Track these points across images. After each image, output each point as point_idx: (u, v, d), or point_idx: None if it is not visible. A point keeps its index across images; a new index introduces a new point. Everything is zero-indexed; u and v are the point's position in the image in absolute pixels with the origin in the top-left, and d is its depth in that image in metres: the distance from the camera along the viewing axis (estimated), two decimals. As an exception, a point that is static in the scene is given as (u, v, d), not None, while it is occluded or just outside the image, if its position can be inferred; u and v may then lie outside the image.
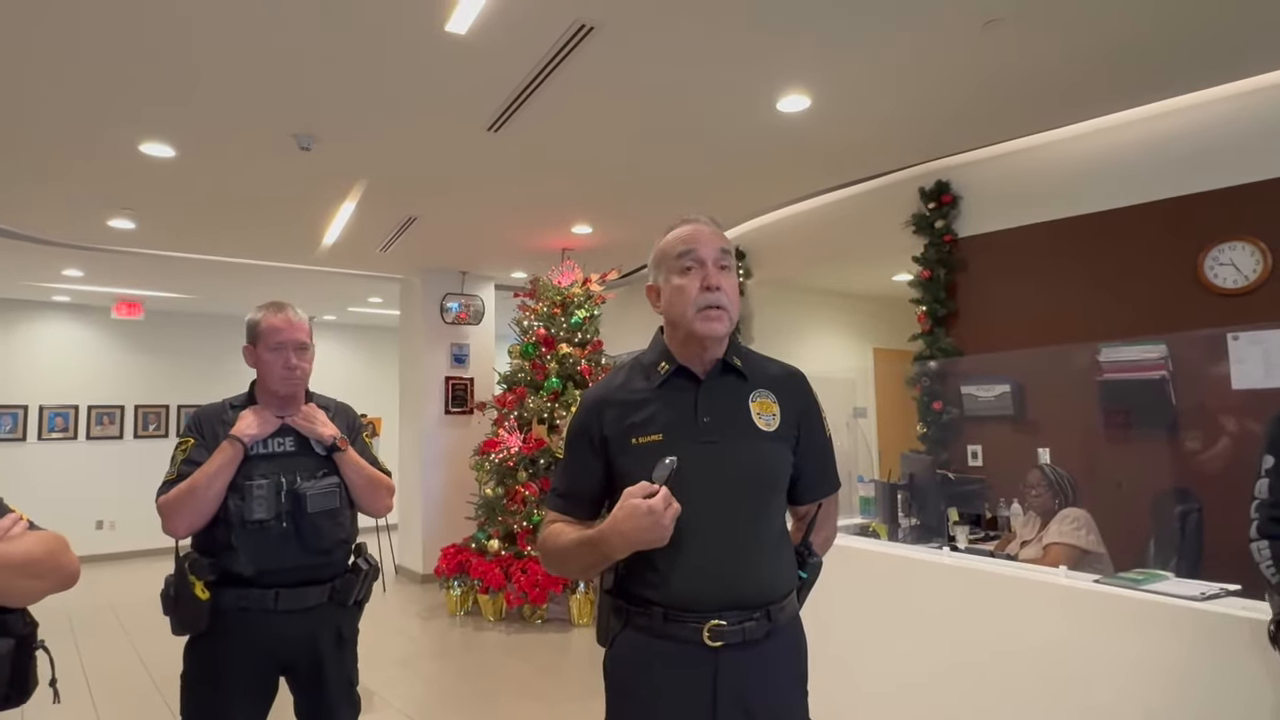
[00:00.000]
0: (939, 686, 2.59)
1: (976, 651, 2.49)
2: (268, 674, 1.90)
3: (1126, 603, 2.14)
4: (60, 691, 1.10)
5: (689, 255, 1.34)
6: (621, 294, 7.09)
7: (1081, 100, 3.58)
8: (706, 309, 1.31)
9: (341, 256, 6.24)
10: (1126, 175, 3.83)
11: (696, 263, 1.33)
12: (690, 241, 1.35)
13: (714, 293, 1.31)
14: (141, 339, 8.60)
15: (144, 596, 3.15)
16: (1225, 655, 1.91)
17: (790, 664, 1.34)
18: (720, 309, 1.31)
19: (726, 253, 1.36)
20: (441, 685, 4.20)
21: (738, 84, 3.26)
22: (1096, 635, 2.18)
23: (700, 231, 1.37)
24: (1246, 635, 1.86)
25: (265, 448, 1.91)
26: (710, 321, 1.31)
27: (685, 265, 1.34)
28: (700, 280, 1.32)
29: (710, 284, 1.31)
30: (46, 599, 1.09)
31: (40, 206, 4.88)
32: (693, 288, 1.32)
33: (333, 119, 3.55)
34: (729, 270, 1.35)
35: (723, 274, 1.33)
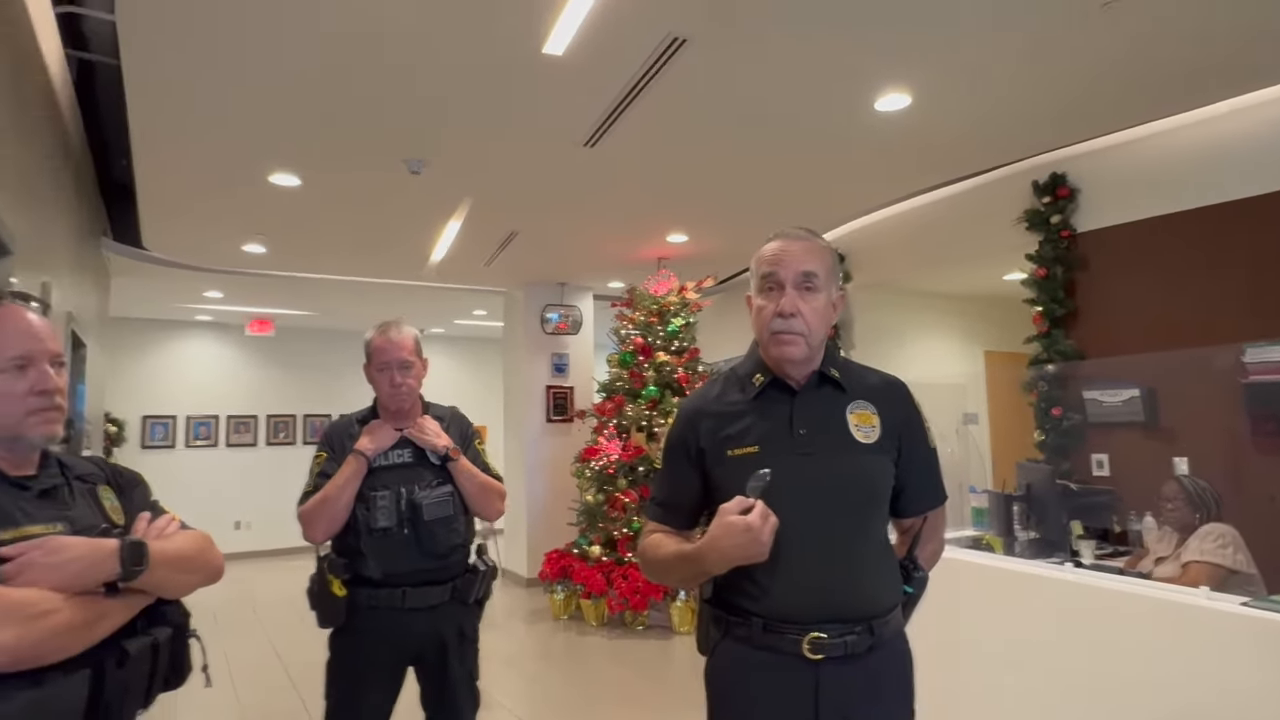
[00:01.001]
0: (1059, 714, 2.43)
1: (1103, 677, 2.32)
2: (397, 665, 2.04)
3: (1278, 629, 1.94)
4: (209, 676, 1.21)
5: (770, 277, 1.32)
6: (718, 301, 7.08)
7: (1211, 81, 3.29)
8: (778, 333, 1.30)
9: (448, 272, 6.54)
10: (1264, 159, 3.49)
11: (776, 284, 1.31)
12: (774, 262, 1.33)
13: (787, 319, 1.29)
14: (272, 354, 9.30)
15: (279, 593, 3.41)
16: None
17: (895, 680, 1.31)
18: (794, 334, 1.29)
19: (811, 274, 1.31)
20: (547, 688, 4.30)
21: (833, 86, 3.21)
22: (1243, 664, 1.99)
23: (786, 251, 1.33)
24: None
25: (386, 460, 2.05)
26: (782, 345, 1.30)
27: (766, 286, 1.33)
28: (776, 304, 1.30)
29: (783, 309, 1.29)
30: (194, 593, 1.21)
31: (186, 236, 5.39)
32: (769, 310, 1.31)
33: (439, 143, 3.74)
34: (814, 291, 1.31)
35: (804, 296, 1.30)
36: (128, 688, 1.07)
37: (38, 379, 1.10)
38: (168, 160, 3.92)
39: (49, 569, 0.98)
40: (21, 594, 0.94)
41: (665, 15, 2.64)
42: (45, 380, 1.11)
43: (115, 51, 3.09)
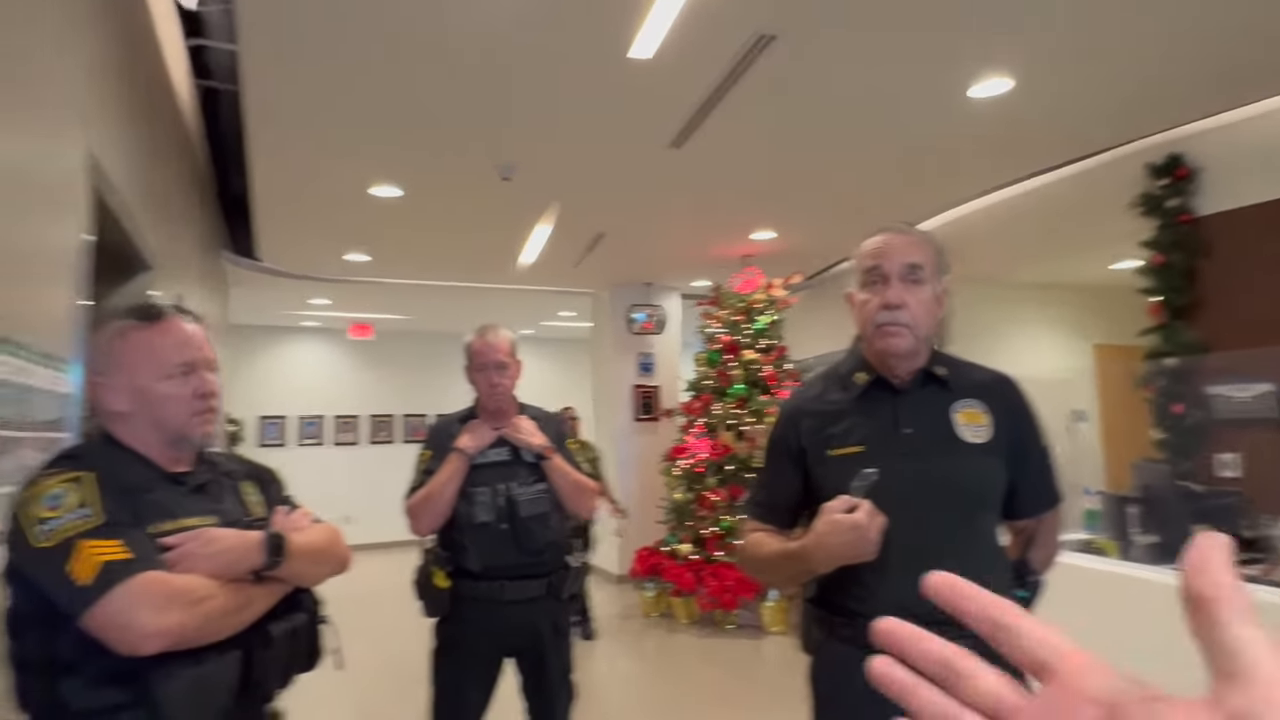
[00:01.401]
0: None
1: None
2: (497, 655, 2.13)
3: None
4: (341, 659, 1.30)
5: (874, 270, 1.30)
6: (805, 297, 6.96)
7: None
8: (884, 325, 1.27)
9: (537, 274, 6.69)
10: None
11: (880, 277, 1.29)
12: (877, 255, 1.31)
13: (894, 310, 1.26)
14: (372, 357, 9.77)
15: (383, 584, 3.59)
16: None
17: None
18: (900, 326, 1.26)
19: (916, 266, 1.29)
20: (640, 685, 4.36)
21: (925, 75, 3.11)
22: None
23: (889, 243, 1.31)
24: None
25: (485, 458, 2.13)
26: (888, 338, 1.27)
27: (871, 279, 1.31)
28: (881, 296, 1.28)
29: (889, 301, 1.27)
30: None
31: (296, 247, 5.74)
32: (874, 303, 1.29)
33: (530, 149, 3.85)
34: (920, 284, 1.29)
35: (910, 288, 1.28)
36: (272, 668, 1.16)
37: (200, 384, 1.21)
38: (281, 177, 4.19)
39: (205, 558, 1.08)
40: (185, 580, 1.04)
41: (753, 14, 2.63)
42: (206, 384, 1.22)
43: (234, 78, 3.33)
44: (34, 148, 1.54)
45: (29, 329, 1.50)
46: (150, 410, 1.16)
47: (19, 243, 1.48)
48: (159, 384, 1.17)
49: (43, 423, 1.55)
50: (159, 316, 1.20)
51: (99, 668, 1.00)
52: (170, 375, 1.18)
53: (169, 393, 1.17)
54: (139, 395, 1.16)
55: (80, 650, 0.99)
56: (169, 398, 1.17)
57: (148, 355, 1.17)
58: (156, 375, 1.17)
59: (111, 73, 2.19)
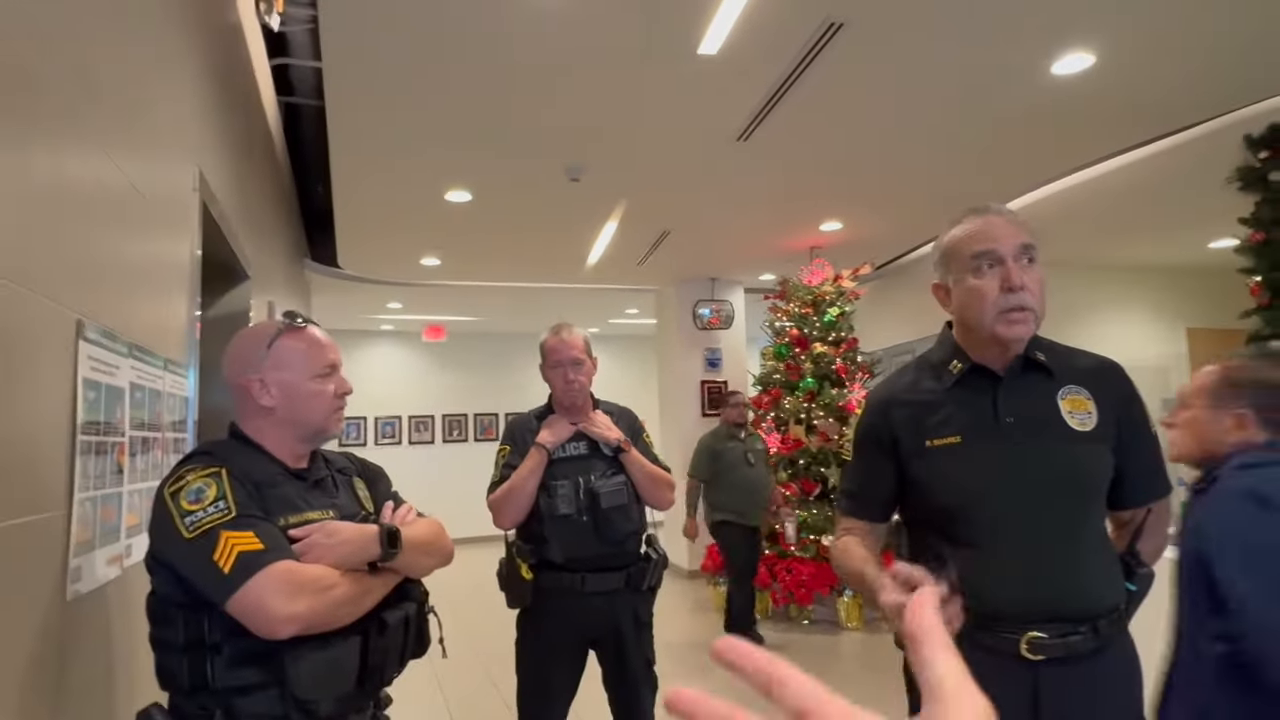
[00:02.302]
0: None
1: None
2: (579, 646, 2.18)
3: None
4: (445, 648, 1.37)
5: (987, 254, 1.22)
6: (875, 287, 6.84)
7: None
8: (1009, 311, 1.20)
9: (604, 272, 6.77)
10: None
11: (995, 261, 1.21)
12: (986, 239, 1.22)
13: (1018, 293, 1.19)
14: (445, 358, 10.05)
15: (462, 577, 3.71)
16: None
17: (1123, 686, 1.22)
18: (1025, 310, 1.19)
19: (1029, 246, 1.22)
20: (716, 680, 4.36)
21: (1003, 53, 3.02)
22: None
23: (996, 224, 1.24)
24: None
25: (564, 452, 2.18)
26: (1013, 325, 1.20)
27: (982, 264, 1.22)
28: (1000, 280, 1.20)
29: (1013, 284, 1.19)
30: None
31: (373, 253, 5.96)
32: (991, 289, 1.20)
33: (598, 148, 3.91)
34: (1034, 265, 1.22)
35: (1027, 270, 1.21)
36: (388, 653, 1.23)
37: (340, 384, 1.32)
38: (360, 187, 4.36)
39: (328, 549, 1.16)
40: (313, 570, 1.11)
41: (821, 1, 2.60)
42: (345, 385, 1.34)
43: (316, 94, 3.49)
44: (152, 170, 1.65)
45: (155, 338, 1.62)
46: (297, 406, 1.26)
47: (143, 258, 1.60)
48: (310, 382, 1.27)
49: (170, 424, 1.67)
50: (305, 324, 1.31)
51: (238, 649, 1.08)
52: (319, 375, 1.29)
53: (317, 390, 1.28)
54: (290, 392, 1.25)
55: (223, 633, 1.08)
56: (317, 395, 1.28)
57: (302, 356, 1.27)
58: (309, 374, 1.27)
59: (213, 95, 2.33)
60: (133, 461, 1.42)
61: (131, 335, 1.44)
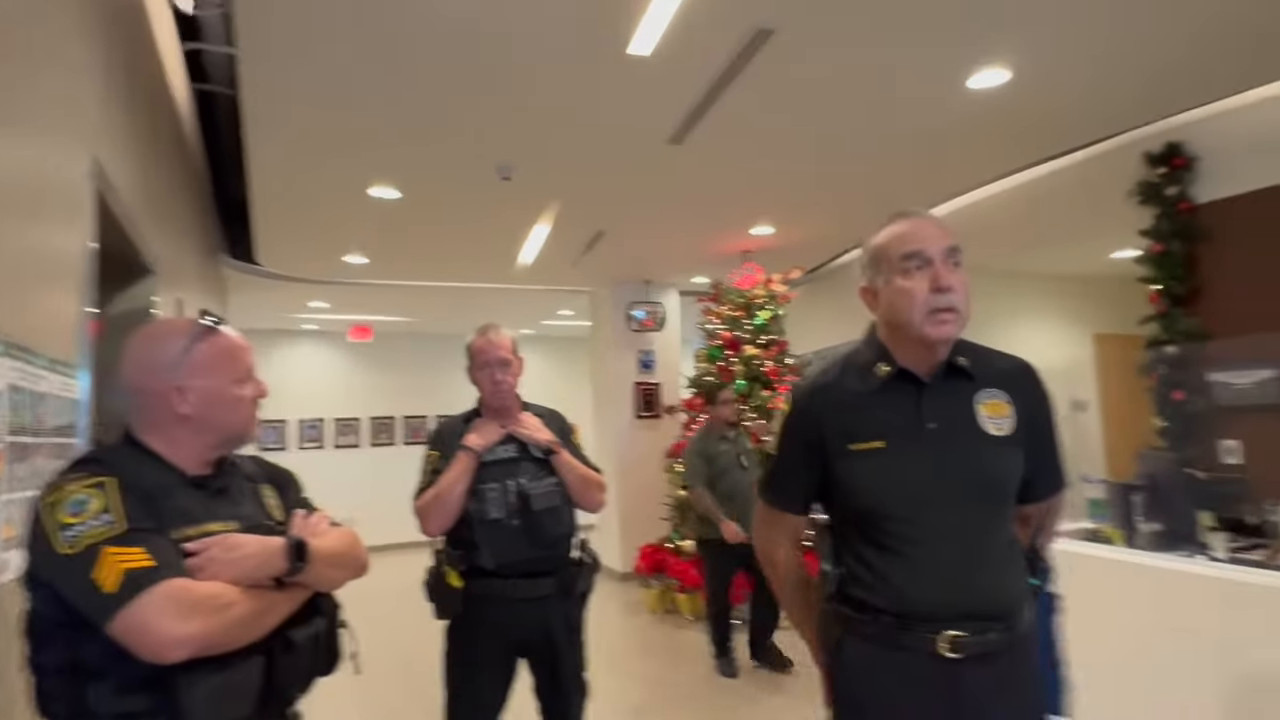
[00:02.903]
0: (1187, 711, 2.29)
1: (1242, 675, 2.18)
2: (509, 656, 2.13)
3: None
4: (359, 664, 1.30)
5: (916, 255, 1.24)
6: (805, 291, 6.96)
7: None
8: (937, 311, 1.22)
9: (536, 273, 6.69)
10: None
11: (924, 262, 1.23)
12: (915, 240, 1.25)
13: (946, 294, 1.21)
14: (373, 359, 9.76)
15: (387, 586, 3.60)
16: None
17: (1032, 679, 1.27)
18: (953, 311, 1.22)
19: (956, 249, 1.25)
20: (648, 681, 4.36)
21: (923, 68, 3.11)
22: None
23: (924, 227, 1.26)
24: None
25: (493, 455, 2.14)
26: (941, 325, 1.22)
27: (911, 266, 1.24)
28: (929, 281, 1.22)
29: (942, 284, 1.21)
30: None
31: (294, 250, 5.73)
32: (920, 289, 1.23)
33: (529, 148, 3.85)
34: (960, 267, 1.25)
35: (954, 271, 1.23)
36: (294, 673, 1.17)
37: (257, 387, 1.27)
38: (279, 180, 4.18)
39: (228, 564, 1.08)
40: (208, 588, 1.04)
41: (751, 8, 2.63)
42: (263, 387, 1.29)
43: (232, 82, 3.33)
44: (41, 155, 1.53)
45: (39, 335, 1.50)
46: (218, 414, 1.20)
47: (27, 250, 1.48)
48: (232, 388, 1.21)
49: (54, 429, 1.55)
50: (219, 325, 1.24)
51: (125, 674, 1.00)
52: (242, 379, 1.23)
53: (239, 396, 1.22)
54: (212, 400, 1.18)
55: (107, 657, 0.99)
56: (239, 401, 1.22)
57: (224, 362, 1.21)
58: (230, 380, 1.21)
59: (114, 79, 2.19)
60: (11, 469, 1.31)
61: (10, 333, 1.33)
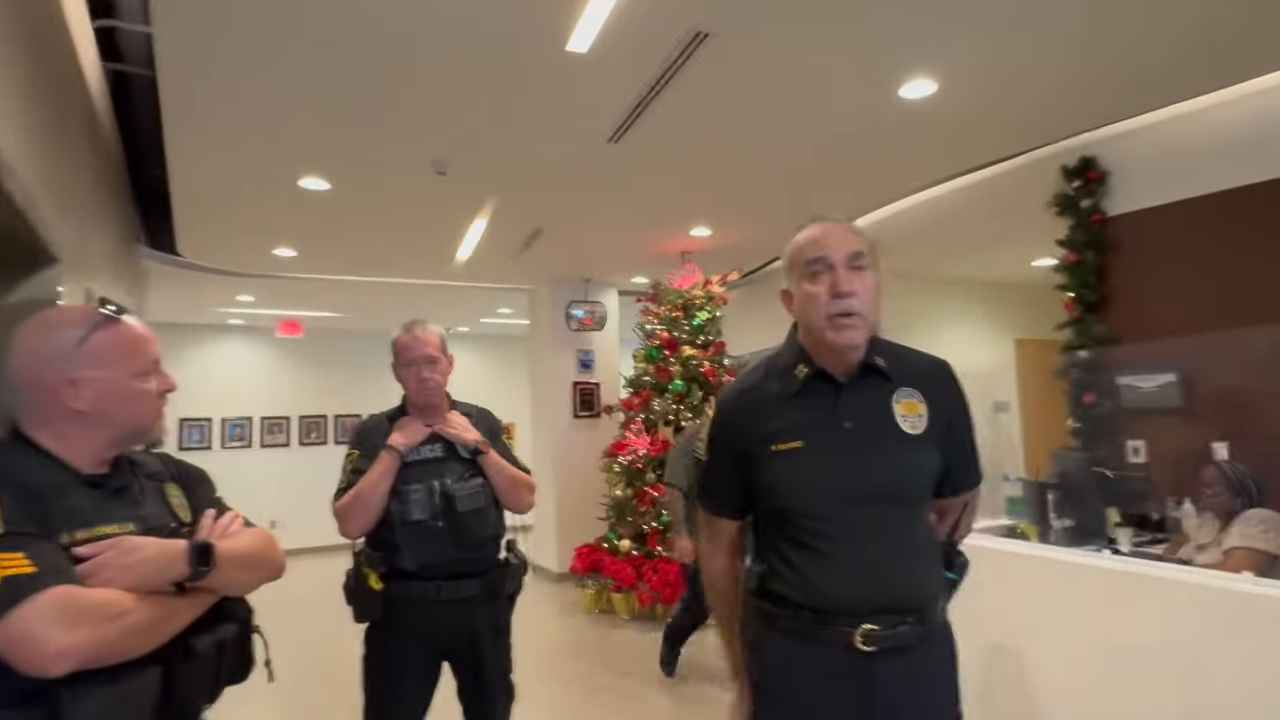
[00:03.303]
0: (1099, 699, 2.41)
1: (1143, 663, 2.30)
2: (432, 659, 2.08)
3: (1328, 614, 1.92)
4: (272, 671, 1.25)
5: (820, 260, 1.27)
6: (742, 294, 7.06)
7: (1249, 57, 3.22)
8: (837, 316, 1.25)
9: (474, 270, 6.59)
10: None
11: (827, 267, 1.26)
12: (820, 245, 1.28)
13: (845, 299, 1.24)
14: (302, 355, 9.45)
15: (313, 589, 3.49)
16: None
17: (944, 669, 1.31)
18: (853, 315, 1.24)
19: (859, 254, 1.27)
20: (581, 681, 4.35)
21: (857, 75, 3.19)
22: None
23: (830, 232, 1.30)
24: None
25: (418, 455, 2.08)
26: (841, 331, 1.25)
27: (815, 270, 1.28)
28: (830, 286, 1.25)
29: (840, 289, 1.24)
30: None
31: (219, 241, 5.50)
32: (822, 294, 1.26)
33: (465, 143, 3.78)
34: (864, 271, 1.27)
35: (856, 276, 1.26)
36: (196, 683, 1.11)
37: (163, 381, 1.20)
38: (201, 168, 4.00)
39: (123, 570, 1.02)
40: (98, 595, 0.98)
41: (688, 10, 2.64)
42: (169, 381, 1.22)
43: (149, 63, 3.16)
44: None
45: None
46: (117, 409, 1.13)
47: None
48: (132, 381, 1.14)
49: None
50: (120, 314, 1.16)
51: (6, 688, 0.93)
52: (142, 373, 1.16)
53: (140, 390, 1.15)
54: (109, 393, 1.12)
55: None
56: (140, 395, 1.15)
57: (123, 353, 1.14)
58: (131, 372, 1.14)
59: (14, 53, 2.05)
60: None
61: (-117, 323, 1.23)
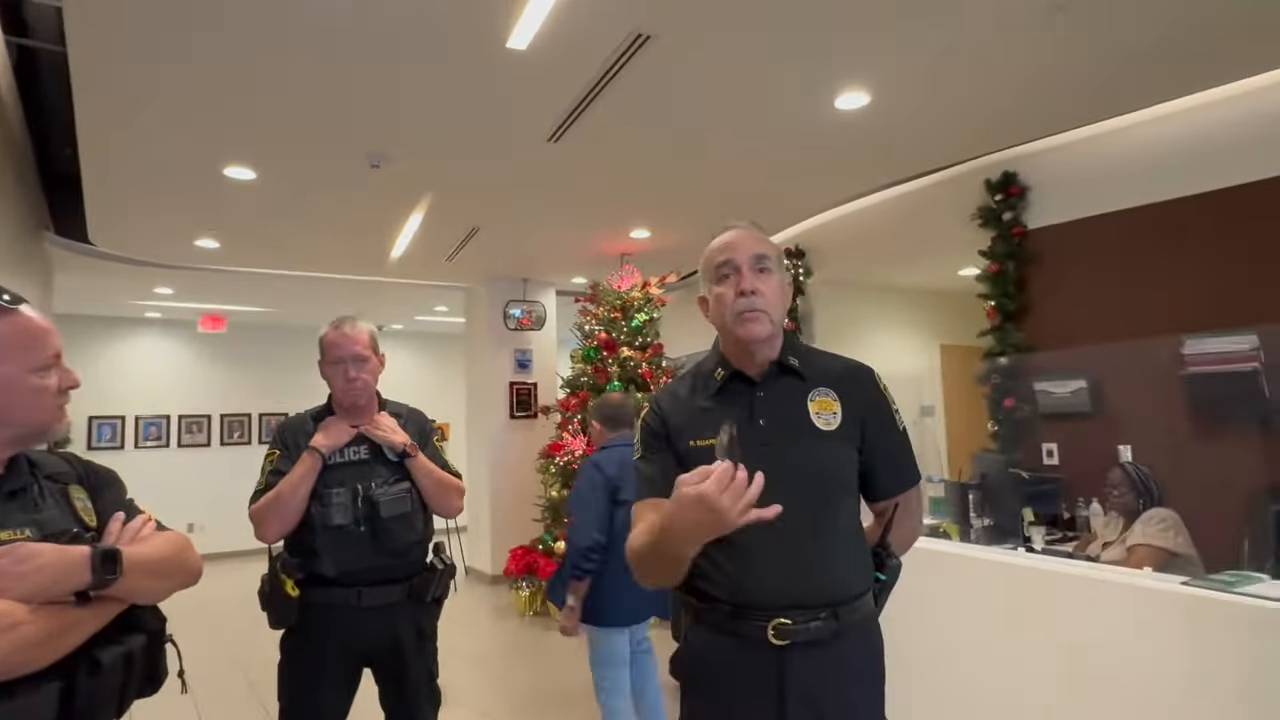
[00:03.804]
0: (1013, 691, 2.53)
1: (1053, 655, 2.42)
2: (352, 666, 2.02)
3: (1216, 606, 2.05)
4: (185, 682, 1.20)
5: (727, 264, 1.36)
6: (681, 296, 7.11)
7: (1156, 82, 3.43)
8: (743, 313, 1.33)
9: (409, 267, 6.45)
10: (1209, 158, 3.65)
11: (734, 270, 1.35)
12: (726, 250, 1.37)
13: (749, 297, 1.33)
14: (225, 352, 9.06)
15: (233, 595, 3.35)
16: (1328, 662, 1.82)
17: (862, 665, 1.34)
18: (756, 311, 1.33)
19: (763, 256, 1.37)
20: (514, 684, 4.30)
21: (795, 84, 3.25)
22: (1183, 640, 2.10)
23: (737, 238, 1.39)
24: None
25: (342, 457, 2.02)
26: (748, 324, 1.33)
27: (723, 273, 1.37)
28: (735, 286, 1.34)
29: (744, 288, 1.33)
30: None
31: (135, 230, 5.22)
32: (730, 295, 1.35)
33: (401, 136, 3.69)
34: (768, 273, 1.36)
35: (760, 277, 1.35)
36: (100, 698, 1.05)
37: (65, 377, 1.14)
38: (115, 151, 3.79)
39: (16, 578, 0.95)
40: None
41: (630, 12, 2.65)
42: (71, 377, 1.15)
43: (60, 38, 2.98)
44: None
45: None
46: (13, 406, 1.06)
47: None
48: (30, 377, 1.08)
49: None
50: (16, 305, 1.09)
51: None
52: (44, 367, 1.09)
53: (39, 386, 1.08)
54: (6, 388, 1.05)
55: None
56: (38, 392, 1.08)
57: (21, 346, 1.07)
58: (28, 367, 1.08)
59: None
60: None
61: None
